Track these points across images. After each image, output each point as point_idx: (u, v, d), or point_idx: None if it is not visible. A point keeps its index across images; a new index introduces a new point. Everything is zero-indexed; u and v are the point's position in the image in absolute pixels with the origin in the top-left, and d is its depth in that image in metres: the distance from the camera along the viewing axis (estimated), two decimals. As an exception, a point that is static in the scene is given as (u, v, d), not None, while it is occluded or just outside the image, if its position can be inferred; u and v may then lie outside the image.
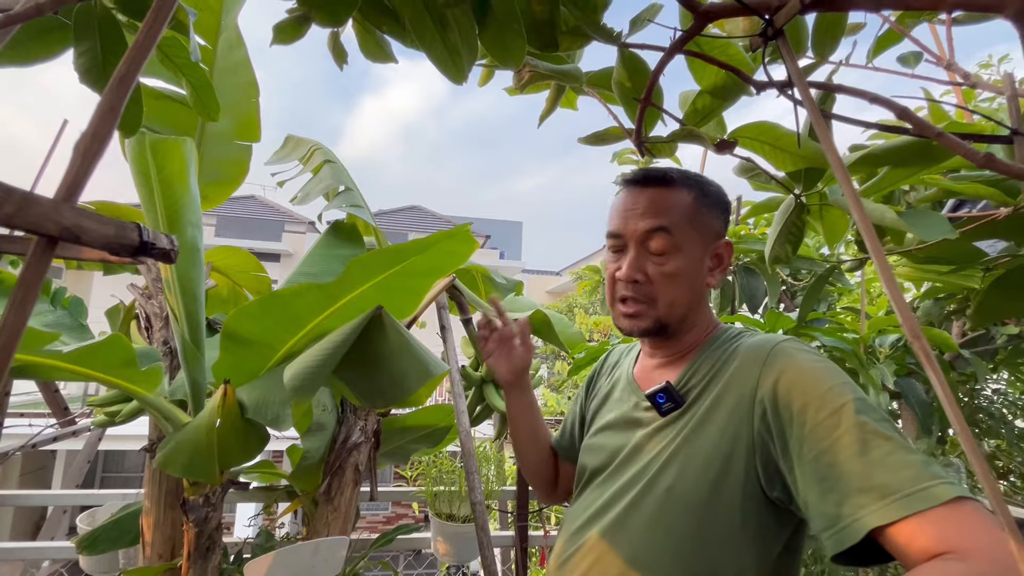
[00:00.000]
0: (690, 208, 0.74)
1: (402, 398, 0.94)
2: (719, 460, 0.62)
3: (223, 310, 1.83)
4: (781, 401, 0.59)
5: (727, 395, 0.64)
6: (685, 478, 0.63)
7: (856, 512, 0.50)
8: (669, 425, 0.69)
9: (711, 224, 0.75)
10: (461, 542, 1.61)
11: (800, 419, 0.56)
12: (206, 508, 1.04)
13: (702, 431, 0.64)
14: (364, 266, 0.99)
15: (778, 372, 0.61)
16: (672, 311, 0.73)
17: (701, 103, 0.86)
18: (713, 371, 0.68)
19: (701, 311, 0.76)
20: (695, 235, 0.73)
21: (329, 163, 1.64)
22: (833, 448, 0.53)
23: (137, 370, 0.87)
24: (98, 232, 0.25)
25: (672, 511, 0.63)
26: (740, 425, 0.62)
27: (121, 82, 0.26)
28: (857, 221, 0.48)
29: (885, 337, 1.45)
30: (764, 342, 0.66)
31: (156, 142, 0.94)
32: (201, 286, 1.08)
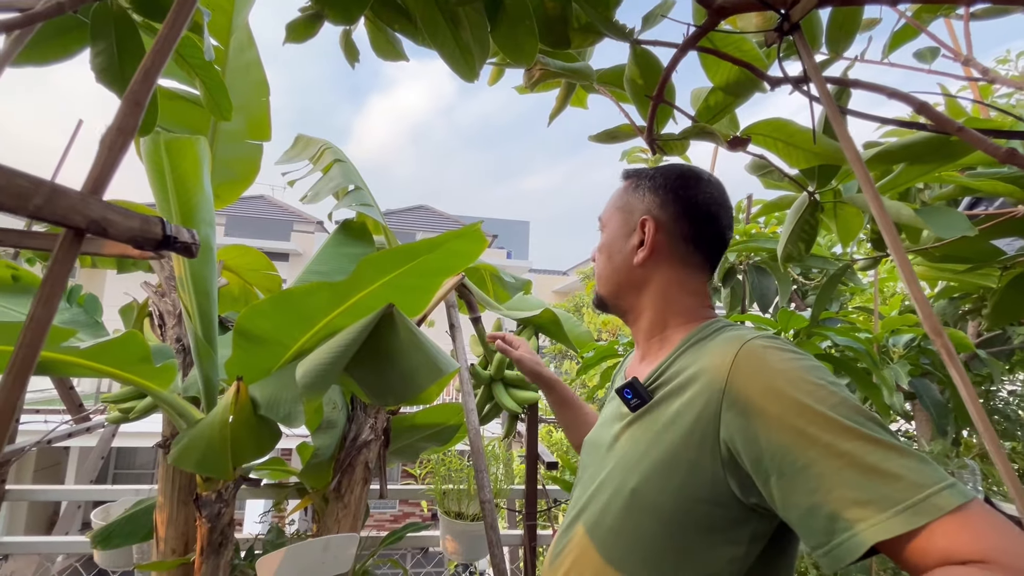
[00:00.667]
0: (620, 194, 0.80)
1: (412, 396, 0.94)
2: (684, 464, 0.58)
3: (234, 308, 1.84)
4: (752, 407, 0.53)
5: (698, 396, 0.59)
6: (649, 481, 0.60)
7: (853, 527, 0.46)
8: (636, 422, 0.65)
9: (636, 205, 0.77)
10: (469, 540, 1.61)
11: (779, 426, 0.51)
12: (219, 504, 1.05)
13: (669, 433, 0.60)
14: (375, 265, 0.99)
15: (747, 374, 0.55)
16: (601, 283, 0.80)
17: (714, 100, 0.86)
18: (685, 368, 0.63)
19: (644, 291, 0.75)
20: (618, 216, 0.78)
21: (339, 162, 1.65)
22: (820, 457, 0.49)
23: (152, 367, 0.88)
24: (124, 225, 0.25)
25: (638, 513, 0.60)
26: (706, 431, 0.57)
27: (146, 76, 0.26)
28: (876, 218, 0.47)
29: (899, 337, 1.43)
30: (733, 339, 0.60)
31: (170, 141, 0.95)
32: (214, 284, 1.09)
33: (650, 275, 0.75)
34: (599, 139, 1.02)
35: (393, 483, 1.73)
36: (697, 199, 0.75)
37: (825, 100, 0.53)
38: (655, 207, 0.75)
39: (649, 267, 0.75)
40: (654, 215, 0.75)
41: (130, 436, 7.02)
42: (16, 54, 0.49)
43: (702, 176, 0.78)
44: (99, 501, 1.67)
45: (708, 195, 0.75)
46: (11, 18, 0.42)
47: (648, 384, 0.67)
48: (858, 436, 0.48)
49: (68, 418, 2.08)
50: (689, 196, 0.75)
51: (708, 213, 0.74)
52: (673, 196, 0.75)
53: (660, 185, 0.77)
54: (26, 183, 0.22)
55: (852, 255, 1.09)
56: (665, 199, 0.75)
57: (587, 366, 1.59)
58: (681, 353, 0.67)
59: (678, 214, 0.74)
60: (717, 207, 0.75)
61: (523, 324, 1.76)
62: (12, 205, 0.21)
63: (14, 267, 1.17)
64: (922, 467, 0.47)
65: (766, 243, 1.29)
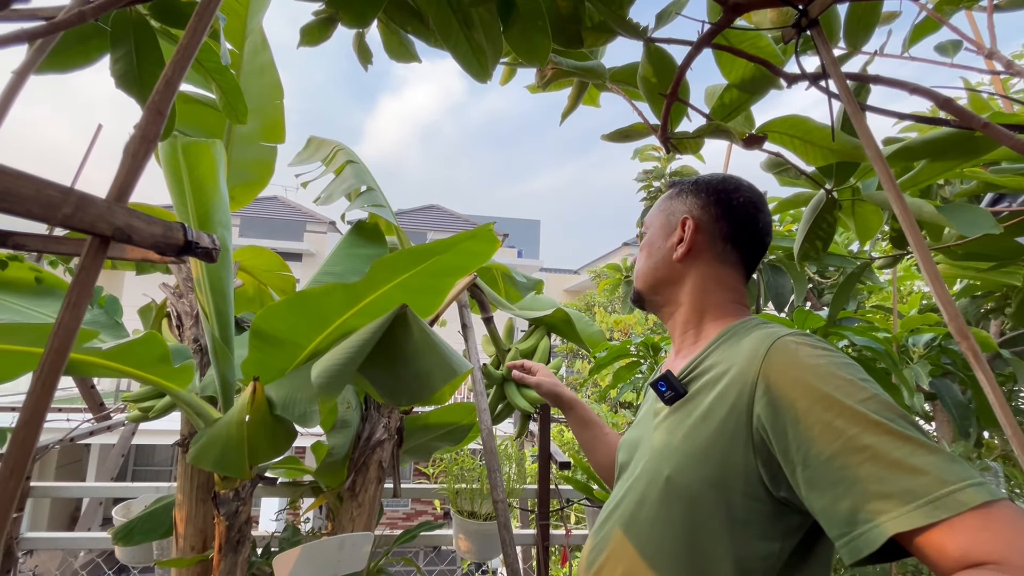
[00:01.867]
0: (664, 200, 0.85)
1: (426, 396, 0.95)
2: (717, 456, 0.59)
3: (249, 309, 1.87)
4: (783, 400, 0.55)
5: (728, 389, 0.61)
6: (683, 470, 0.61)
7: (874, 519, 0.47)
8: (672, 414, 0.67)
9: (678, 205, 0.81)
10: (482, 539, 1.61)
11: (807, 420, 0.53)
12: (236, 502, 1.07)
13: (704, 423, 0.62)
14: (388, 266, 1.00)
15: (779, 368, 0.57)
16: (639, 279, 0.83)
17: (729, 97, 0.85)
18: (720, 362, 0.65)
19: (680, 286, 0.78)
20: (660, 217, 0.83)
21: (351, 163, 1.66)
22: (846, 450, 0.50)
23: (171, 367, 0.89)
24: (147, 232, 0.25)
25: (671, 503, 0.62)
26: (739, 422, 0.59)
27: (167, 86, 0.27)
28: (898, 215, 0.46)
29: (919, 336, 1.40)
30: (766, 335, 0.62)
31: (187, 145, 0.96)
32: (230, 285, 1.10)
33: (688, 271, 0.78)
34: (612, 138, 1.01)
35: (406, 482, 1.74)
36: (737, 201, 0.78)
37: (844, 96, 0.52)
38: (695, 208, 0.79)
39: (687, 263, 0.78)
40: (694, 215, 0.79)
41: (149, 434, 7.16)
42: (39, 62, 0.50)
43: (742, 183, 0.81)
44: (120, 498, 1.70)
45: (747, 199, 0.78)
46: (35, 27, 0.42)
47: (682, 377, 0.69)
48: (885, 431, 0.49)
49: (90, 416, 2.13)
50: (729, 199, 0.78)
51: (746, 215, 0.77)
52: (715, 198, 0.79)
53: (702, 189, 0.81)
54: (56, 193, 0.22)
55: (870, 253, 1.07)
56: (706, 201, 0.79)
57: (600, 366, 1.58)
58: (716, 347, 0.69)
59: (718, 215, 0.77)
60: (756, 210, 0.78)
61: (535, 324, 1.76)
62: (42, 215, 0.21)
63: (37, 269, 1.20)
64: (949, 464, 0.47)
65: (781, 241, 1.28)
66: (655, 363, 1.59)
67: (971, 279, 1.21)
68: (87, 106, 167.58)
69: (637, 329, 5.20)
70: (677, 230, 0.79)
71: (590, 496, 1.66)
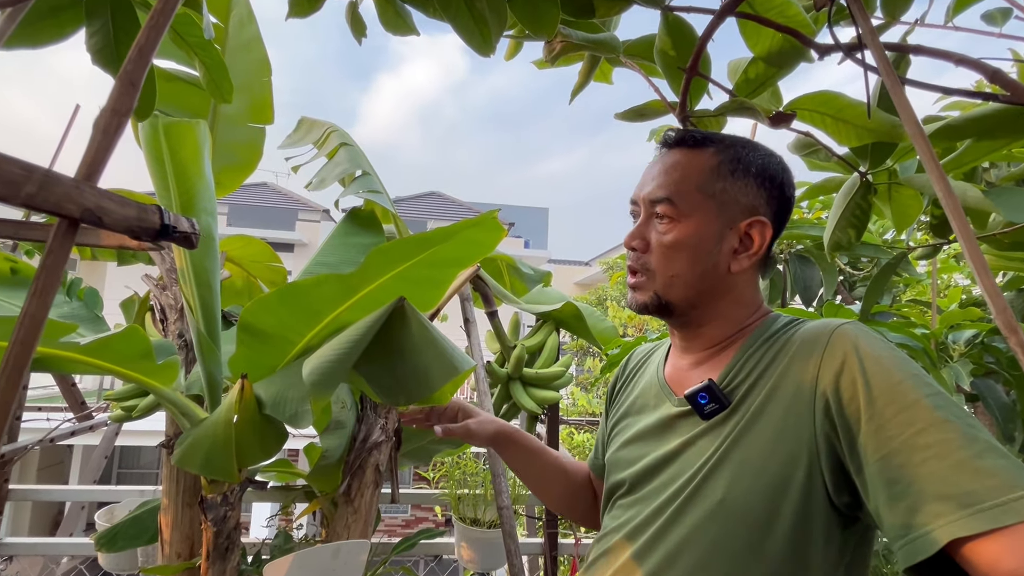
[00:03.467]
0: (707, 174, 0.68)
1: (426, 395, 0.95)
2: (777, 464, 0.58)
3: (237, 302, 1.87)
4: (846, 394, 0.55)
5: (782, 389, 0.60)
6: (737, 487, 0.59)
7: (931, 522, 0.47)
8: (714, 429, 0.64)
9: (738, 195, 0.67)
10: (486, 548, 1.62)
11: (868, 414, 0.53)
12: (224, 507, 1.08)
13: (754, 432, 0.61)
14: (385, 256, 0.99)
15: (841, 360, 0.57)
16: (672, 287, 0.69)
17: (754, 71, 0.83)
18: (763, 364, 0.64)
19: (727, 299, 0.70)
20: (710, 204, 0.67)
21: (345, 146, 1.66)
22: (906, 448, 0.50)
23: (154, 363, 0.90)
24: (120, 214, 0.25)
25: (722, 526, 0.60)
26: (800, 423, 0.58)
27: (140, 55, 0.26)
28: (941, 199, 0.45)
29: (960, 333, 1.39)
30: (822, 327, 0.62)
31: (169, 125, 0.96)
32: (216, 276, 1.11)
33: (735, 282, 0.70)
34: (626, 117, 1.00)
35: (405, 487, 1.75)
36: (788, 192, 0.70)
37: (883, 68, 0.50)
38: (762, 204, 0.68)
39: (740, 274, 0.69)
40: (763, 214, 0.68)
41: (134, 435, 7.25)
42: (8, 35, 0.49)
43: (784, 164, 0.72)
44: (103, 502, 1.73)
45: (791, 186, 0.71)
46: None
47: (724, 386, 0.66)
48: (951, 429, 0.49)
49: (71, 416, 2.15)
50: (784, 192, 0.69)
51: (789, 208, 0.71)
52: (778, 191, 0.69)
53: (760, 172, 0.68)
54: (18, 170, 0.22)
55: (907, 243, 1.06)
56: (770, 195, 0.68)
57: (612, 364, 1.57)
58: (753, 352, 0.66)
59: (775, 213, 0.69)
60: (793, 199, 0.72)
61: (543, 319, 1.76)
62: (3, 193, 0.21)
63: (13, 259, 1.21)
64: (1020, 471, 0.46)
65: (811, 230, 1.26)
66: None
67: (1018, 271, 1.19)
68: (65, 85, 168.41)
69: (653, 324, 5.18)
70: (739, 231, 0.67)
71: (601, 503, 1.67)
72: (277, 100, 1.60)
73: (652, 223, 0.70)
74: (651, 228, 0.70)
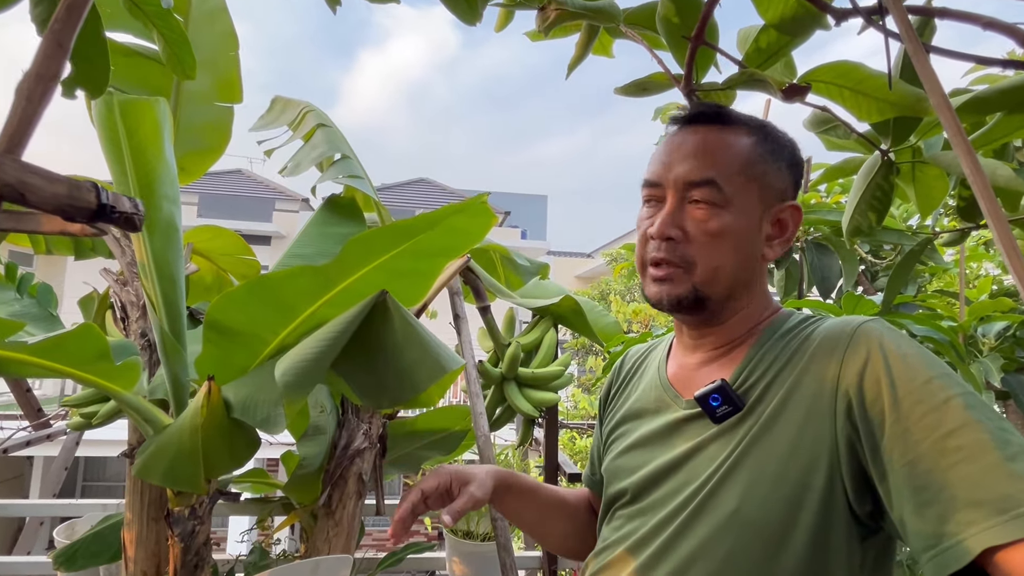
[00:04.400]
0: (749, 156, 0.68)
1: (411, 397, 0.94)
2: (796, 472, 0.58)
3: (207, 298, 1.86)
4: (869, 394, 0.56)
5: (801, 391, 0.60)
6: (753, 497, 0.59)
7: (964, 530, 0.47)
8: (726, 433, 0.64)
9: (774, 180, 0.69)
10: (480, 563, 1.62)
11: (892, 416, 0.53)
12: (192, 521, 1.07)
13: (770, 437, 0.60)
14: (365, 245, 0.98)
15: (864, 359, 0.57)
16: (714, 280, 0.67)
17: (765, 40, 0.83)
18: (779, 363, 0.64)
19: (753, 291, 0.70)
20: (752, 189, 0.67)
21: (323, 127, 1.64)
22: (934, 452, 0.50)
23: (112, 364, 0.89)
24: (47, 191, 0.24)
25: (737, 538, 0.59)
26: (820, 426, 0.58)
27: (70, 13, 0.25)
28: (969, 178, 0.44)
29: (990, 326, 1.39)
30: (844, 324, 0.62)
31: (126, 103, 0.95)
32: (180, 269, 1.10)
33: (763, 271, 0.73)
34: (627, 91, 0.99)
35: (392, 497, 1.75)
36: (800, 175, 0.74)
37: (906, 34, 0.50)
38: (791, 189, 0.72)
39: (764, 264, 0.72)
40: (793, 200, 0.72)
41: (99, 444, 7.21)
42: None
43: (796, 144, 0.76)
44: (65, 516, 1.71)
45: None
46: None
47: (737, 387, 0.66)
48: (983, 430, 0.49)
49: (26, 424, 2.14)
50: (799, 172, 0.74)
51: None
52: (798, 177, 0.73)
53: (790, 158, 0.72)
54: (-73, 141, 0.21)
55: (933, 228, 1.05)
56: (794, 180, 0.73)
57: (613, 362, 1.57)
58: (768, 347, 0.67)
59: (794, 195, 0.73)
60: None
61: (539, 314, 1.75)
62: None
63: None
64: None
65: (828, 215, 1.26)
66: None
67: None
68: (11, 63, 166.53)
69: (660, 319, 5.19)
70: (772, 217, 0.69)
71: (604, 513, 1.67)
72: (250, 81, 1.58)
73: (686, 209, 0.68)
74: (686, 216, 0.68)
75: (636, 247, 0.73)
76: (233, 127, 1.64)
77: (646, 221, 0.71)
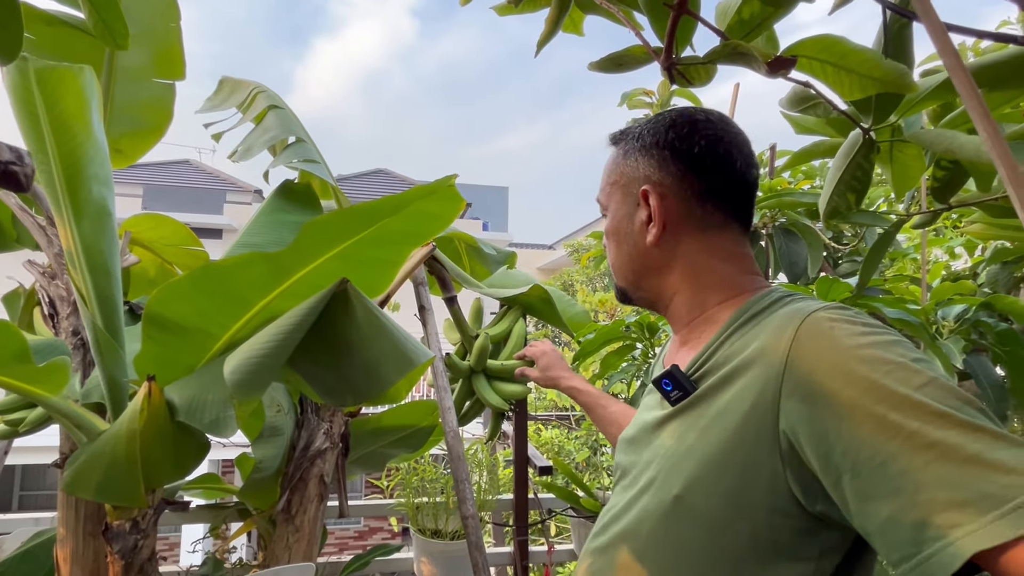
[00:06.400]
0: (609, 167, 0.79)
1: (378, 394, 0.88)
2: (737, 464, 0.56)
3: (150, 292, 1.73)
4: (820, 394, 0.51)
5: (751, 383, 0.57)
6: (695, 486, 0.59)
7: (948, 533, 0.43)
8: (678, 417, 0.64)
9: (630, 173, 0.75)
10: (449, 562, 1.58)
11: (853, 416, 0.49)
12: (134, 535, 0.98)
13: (717, 427, 0.59)
14: (322, 231, 0.91)
15: (812, 353, 0.53)
16: (618, 276, 0.79)
17: (748, 11, 0.79)
18: (736, 351, 0.61)
19: (672, 274, 0.73)
20: (616, 192, 0.77)
21: (275, 109, 1.54)
22: (906, 450, 0.46)
23: (32, 366, 0.79)
24: None
25: (682, 524, 0.60)
26: (763, 423, 0.55)
27: None
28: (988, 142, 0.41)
29: (949, 308, 1.42)
30: (792, 313, 0.58)
31: (44, 71, 0.84)
32: (115, 260, 0.99)
33: (671, 252, 0.73)
34: (601, 66, 0.94)
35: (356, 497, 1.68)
36: (698, 145, 0.71)
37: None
38: (653, 171, 0.73)
39: (667, 243, 0.72)
40: (654, 180, 0.73)
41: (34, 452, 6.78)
42: None
43: (697, 117, 0.74)
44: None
45: (710, 136, 0.71)
46: None
47: (691, 372, 0.65)
48: (954, 423, 0.46)
49: (-53, 433, 1.95)
50: (687, 146, 0.71)
51: (716, 157, 0.71)
52: (670, 152, 0.72)
53: (651, 143, 0.74)
54: None
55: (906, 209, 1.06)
56: (661, 158, 0.73)
57: (586, 352, 1.53)
58: (730, 334, 0.64)
59: (681, 171, 0.71)
60: (726, 146, 0.71)
61: (508, 304, 1.70)
62: None
63: None
64: None
65: (803, 197, 1.25)
66: (651, 347, 1.56)
67: (1011, 239, 1.22)
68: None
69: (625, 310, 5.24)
70: (640, 205, 0.73)
71: (575, 505, 1.64)
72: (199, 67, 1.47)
73: None
74: None
75: None
76: (175, 107, 1.52)
77: None
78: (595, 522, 0.76)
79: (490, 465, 1.84)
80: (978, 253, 2.06)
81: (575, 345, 1.64)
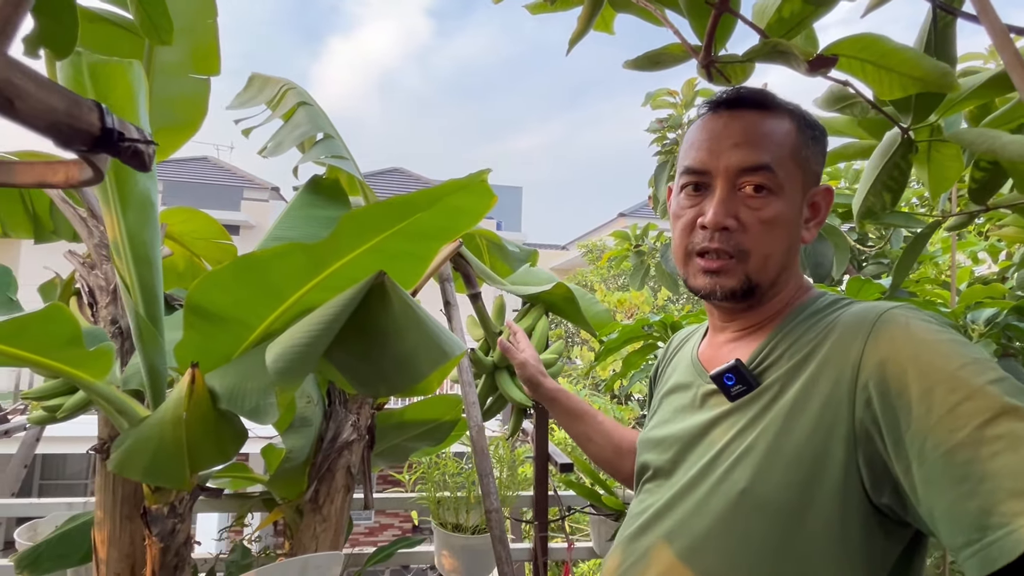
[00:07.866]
0: (795, 141, 0.69)
1: (411, 385, 0.90)
2: (810, 457, 0.58)
3: (180, 285, 1.77)
4: (894, 384, 0.54)
5: (821, 377, 0.60)
6: (765, 478, 0.59)
7: (1011, 521, 0.45)
8: (739, 411, 0.65)
9: (814, 164, 0.72)
10: (471, 556, 1.59)
11: (923, 406, 0.51)
12: (172, 519, 1.00)
13: (788, 421, 0.60)
14: (359, 224, 0.93)
15: (889, 347, 0.56)
16: (765, 268, 0.68)
17: (788, 10, 0.79)
18: (801, 347, 0.64)
19: (793, 272, 0.72)
20: (798, 175, 0.69)
21: (304, 105, 1.57)
22: (973, 441, 0.48)
23: (83, 351, 0.81)
24: (41, 103, 0.18)
25: (748, 518, 0.60)
26: (837, 414, 0.57)
27: None
28: None
29: (979, 312, 1.40)
30: (868, 310, 0.61)
31: (96, 65, 0.86)
32: (157, 251, 1.02)
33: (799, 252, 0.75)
34: (638, 64, 0.95)
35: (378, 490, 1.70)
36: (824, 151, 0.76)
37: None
38: (819, 166, 0.74)
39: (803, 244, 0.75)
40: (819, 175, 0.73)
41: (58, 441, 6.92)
42: None
43: None
44: (23, 517, 1.62)
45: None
46: None
47: (752, 366, 0.66)
48: (1022, 416, 0.47)
49: (-19, 420, 2.01)
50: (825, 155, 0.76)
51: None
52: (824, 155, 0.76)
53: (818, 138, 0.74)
54: None
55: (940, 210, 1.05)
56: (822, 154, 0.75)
57: (609, 350, 1.54)
58: (789, 328, 0.66)
59: (819, 174, 0.75)
60: None
61: (530, 301, 1.71)
62: None
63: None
64: None
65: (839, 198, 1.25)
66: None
67: (1047, 243, 1.21)
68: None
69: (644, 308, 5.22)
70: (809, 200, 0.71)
71: (596, 502, 1.64)
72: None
73: (737, 198, 0.68)
74: (740, 204, 0.67)
75: (677, 236, 0.73)
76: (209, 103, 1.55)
77: (691, 210, 0.71)
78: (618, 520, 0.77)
79: (510, 461, 1.85)
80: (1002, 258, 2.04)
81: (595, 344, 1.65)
